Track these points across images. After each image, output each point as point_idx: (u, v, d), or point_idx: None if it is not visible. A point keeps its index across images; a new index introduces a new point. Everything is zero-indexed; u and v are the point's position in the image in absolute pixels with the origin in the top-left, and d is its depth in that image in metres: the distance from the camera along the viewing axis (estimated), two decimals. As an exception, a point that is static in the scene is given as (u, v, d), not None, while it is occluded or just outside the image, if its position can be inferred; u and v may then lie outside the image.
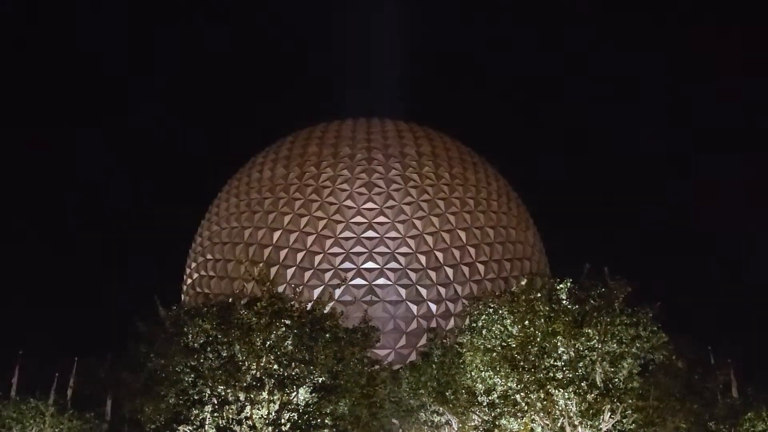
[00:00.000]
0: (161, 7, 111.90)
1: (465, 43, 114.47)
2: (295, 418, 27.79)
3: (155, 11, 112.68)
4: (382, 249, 52.16)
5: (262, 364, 27.94)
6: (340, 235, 52.40)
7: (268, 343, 28.27)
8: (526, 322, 28.29)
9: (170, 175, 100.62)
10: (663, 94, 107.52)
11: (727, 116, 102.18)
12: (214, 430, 26.91)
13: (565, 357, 27.51)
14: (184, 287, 59.46)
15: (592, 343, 27.35)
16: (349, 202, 53.57)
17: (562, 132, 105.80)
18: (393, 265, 51.93)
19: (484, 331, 29.59)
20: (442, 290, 52.30)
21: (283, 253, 52.61)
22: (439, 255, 52.81)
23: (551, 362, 27.29)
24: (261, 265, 46.95)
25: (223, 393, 27.56)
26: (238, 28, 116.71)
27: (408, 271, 51.99)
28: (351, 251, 52.01)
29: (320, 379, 28.48)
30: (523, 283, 30.56)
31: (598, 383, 26.76)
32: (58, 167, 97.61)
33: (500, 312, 29.43)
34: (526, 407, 27.29)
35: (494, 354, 28.41)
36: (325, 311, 30.63)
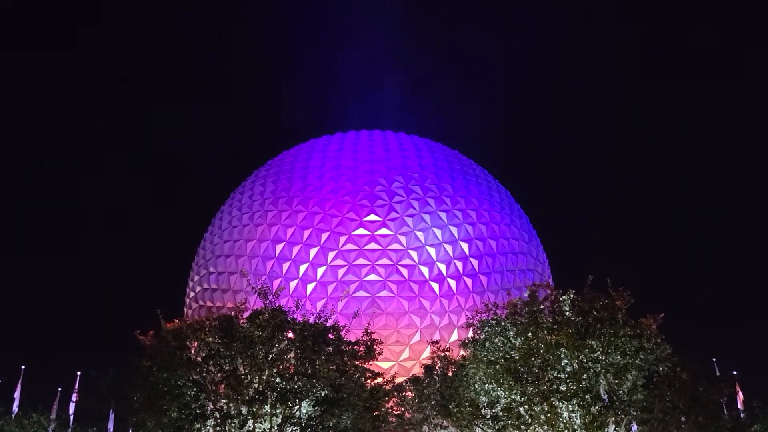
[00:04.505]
0: (162, 15, 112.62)
1: (465, 52, 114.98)
2: (298, 431, 27.68)
3: (154, 18, 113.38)
4: (384, 261, 52.09)
5: (264, 378, 27.87)
6: (343, 248, 52.37)
7: (271, 356, 28.22)
8: (529, 334, 28.20)
9: (173, 187, 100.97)
10: (665, 93, 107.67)
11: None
12: (217, 444, 26.82)
13: (568, 369, 27.36)
14: (187, 300, 59.41)
15: (595, 354, 27.20)
16: (351, 215, 53.57)
17: (563, 141, 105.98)
18: (395, 277, 51.84)
19: (487, 343, 29.48)
20: (445, 302, 52.14)
21: (285, 266, 52.58)
22: (442, 267, 52.70)
23: (555, 374, 27.15)
24: (263, 278, 47.08)
25: (225, 407, 27.49)
26: (238, 39, 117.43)
27: (411, 283, 51.88)
28: (353, 263, 51.94)
29: (323, 393, 28.38)
30: (526, 294, 30.47)
31: (602, 395, 26.60)
32: (58, 176, 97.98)
33: (503, 324, 29.34)
34: (529, 420, 27.13)
35: (497, 366, 28.29)
36: (328, 324, 30.60)
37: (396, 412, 34.87)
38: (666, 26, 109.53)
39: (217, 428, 26.91)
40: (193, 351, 28.88)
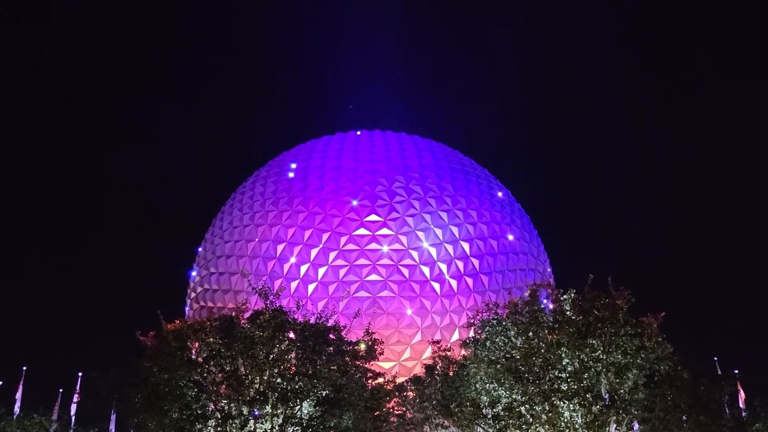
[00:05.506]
0: (162, 14, 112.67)
1: (465, 52, 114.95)
2: (299, 431, 27.68)
3: (155, 18, 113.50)
4: (385, 261, 52.10)
5: (265, 378, 27.87)
6: (344, 248, 52.39)
7: (272, 356, 28.23)
8: (530, 334, 28.19)
9: (173, 188, 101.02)
10: (666, 93, 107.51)
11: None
12: (218, 444, 26.81)
13: (569, 368, 27.35)
14: (188, 300, 59.46)
15: (596, 354, 27.17)
16: (352, 215, 53.59)
17: (564, 141, 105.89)
18: (396, 277, 51.85)
19: (488, 343, 29.47)
20: (446, 302, 52.15)
21: (286, 267, 52.61)
22: (443, 266, 52.72)
23: (556, 374, 27.14)
24: (264, 278, 47.08)
25: (226, 407, 27.49)
26: (239, 39, 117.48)
27: (411, 283, 51.89)
28: (354, 263, 51.95)
29: (324, 393, 28.37)
30: (527, 294, 30.45)
31: (603, 395, 26.58)
32: (58, 176, 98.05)
33: (504, 323, 29.33)
34: (530, 419, 27.12)
35: (498, 366, 28.28)
36: (329, 324, 30.59)
37: (397, 412, 34.86)
38: (666, 27, 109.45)
39: (218, 429, 26.90)
40: (194, 351, 28.89)
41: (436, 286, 52.21)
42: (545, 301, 29.48)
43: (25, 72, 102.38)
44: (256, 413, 27.16)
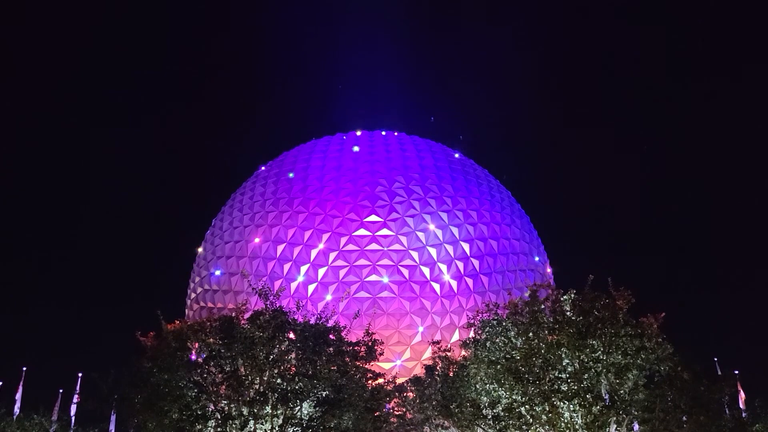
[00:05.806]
0: (163, 14, 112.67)
1: (465, 52, 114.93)
2: (299, 432, 27.68)
3: (156, 17, 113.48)
4: (385, 262, 52.09)
5: (265, 378, 27.87)
6: (344, 248, 52.38)
7: (272, 357, 28.22)
8: (530, 334, 28.17)
9: (173, 188, 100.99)
10: (668, 92, 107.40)
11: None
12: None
13: (569, 369, 27.33)
14: (188, 301, 59.43)
15: (596, 354, 27.16)
16: (352, 215, 53.58)
17: (564, 141, 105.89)
18: (397, 277, 51.84)
19: (488, 344, 29.45)
20: (446, 302, 52.14)
21: (286, 267, 52.61)
22: (443, 267, 52.71)
23: (556, 374, 27.12)
24: (264, 278, 47.08)
25: (226, 408, 27.49)
26: (239, 39, 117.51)
27: (411, 283, 51.88)
28: (354, 264, 51.95)
29: (324, 393, 28.36)
30: (527, 294, 30.43)
31: (603, 395, 26.57)
32: (58, 176, 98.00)
33: (504, 324, 29.31)
34: (531, 420, 27.11)
35: (498, 366, 28.26)
36: (329, 325, 30.58)
37: (397, 413, 34.82)
38: (666, 26, 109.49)
39: (218, 429, 26.89)
40: (194, 353, 28.89)
41: (436, 286, 52.21)
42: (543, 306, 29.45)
43: (24, 72, 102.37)
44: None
